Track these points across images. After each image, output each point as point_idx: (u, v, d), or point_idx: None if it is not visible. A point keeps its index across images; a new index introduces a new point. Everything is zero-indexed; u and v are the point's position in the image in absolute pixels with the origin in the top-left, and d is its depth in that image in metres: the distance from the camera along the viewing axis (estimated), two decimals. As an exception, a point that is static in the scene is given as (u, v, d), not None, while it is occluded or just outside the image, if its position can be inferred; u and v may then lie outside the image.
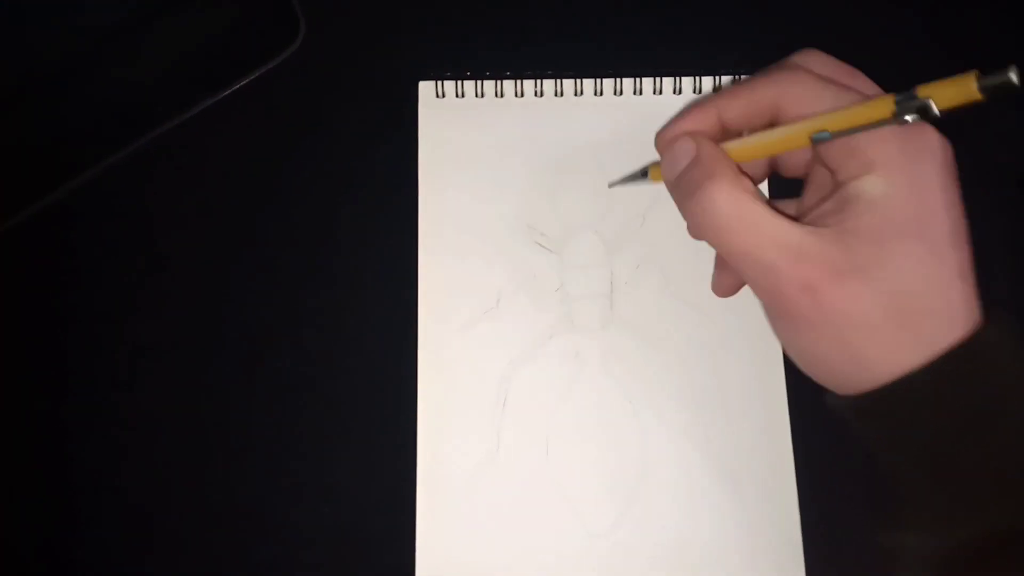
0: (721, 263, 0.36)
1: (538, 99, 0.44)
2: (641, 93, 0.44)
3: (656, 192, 0.42)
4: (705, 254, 0.41)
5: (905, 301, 0.28)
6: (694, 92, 0.43)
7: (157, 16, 0.43)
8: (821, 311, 0.28)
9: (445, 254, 0.42)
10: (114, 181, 0.43)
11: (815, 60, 0.31)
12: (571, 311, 0.41)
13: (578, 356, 0.41)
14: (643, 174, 0.37)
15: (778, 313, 0.30)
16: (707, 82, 0.43)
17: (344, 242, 0.43)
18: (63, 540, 0.40)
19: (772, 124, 0.31)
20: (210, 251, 0.43)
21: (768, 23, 0.44)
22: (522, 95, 0.44)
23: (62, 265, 0.43)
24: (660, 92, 0.44)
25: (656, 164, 0.34)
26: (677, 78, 0.44)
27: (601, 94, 0.44)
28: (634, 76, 0.44)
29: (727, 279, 0.35)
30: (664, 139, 0.33)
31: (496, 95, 0.44)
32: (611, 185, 0.41)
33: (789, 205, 0.34)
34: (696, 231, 0.31)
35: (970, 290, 0.28)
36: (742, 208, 0.29)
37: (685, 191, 0.31)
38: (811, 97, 0.30)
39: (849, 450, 0.38)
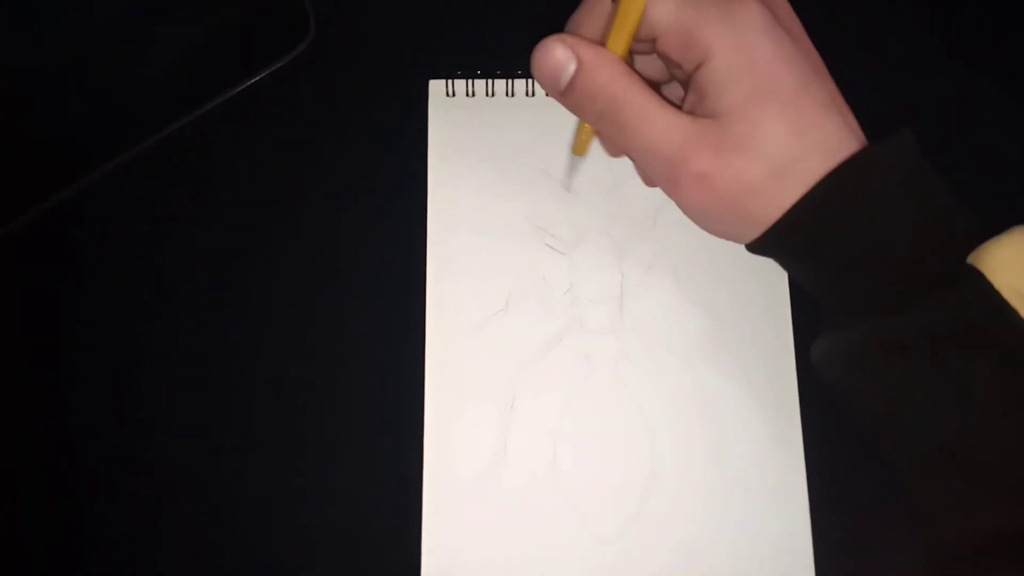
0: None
1: (549, 99, 0.43)
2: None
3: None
4: (718, 257, 0.41)
5: (777, 156, 0.31)
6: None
7: (164, 14, 0.43)
8: (714, 190, 0.32)
9: (454, 255, 0.42)
10: (121, 181, 0.43)
11: None
12: (581, 314, 0.41)
13: (588, 359, 0.40)
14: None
15: (678, 194, 0.33)
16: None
17: (352, 243, 0.43)
18: (67, 541, 0.40)
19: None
20: (217, 252, 0.43)
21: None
22: (533, 95, 0.43)
23: (66, 266, 0.43)
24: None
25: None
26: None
27: (613, 94, 0.43)
28: (647, 76, 0.43)
29: (610, 146, 0.38)
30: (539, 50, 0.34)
31: (507, 94, 0.43)
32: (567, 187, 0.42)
33: (652, 61, 0.36)
34: (602, 129, 0.34)
35: (838, 119, 0.32)
36: (644, 105, 0.32)
37: (581, 99, 0.33)
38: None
39: (862, 458, 0.38)
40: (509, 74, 0.43)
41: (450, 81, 0.43)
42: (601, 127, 0.34)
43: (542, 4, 0.45)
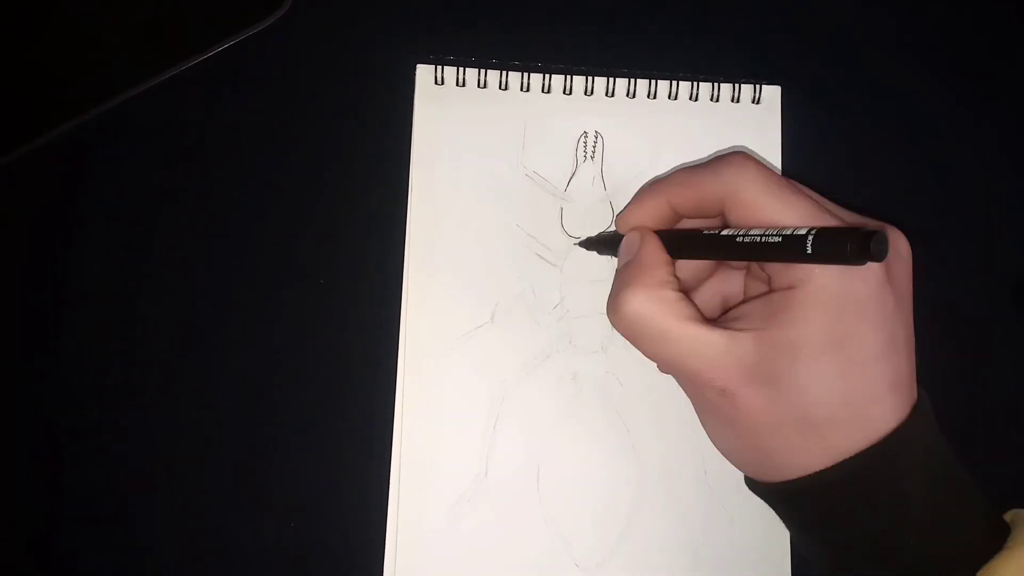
0: None
1: (545, 95, 0.40)
2: (655, 97, 0.41)
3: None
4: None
5: (813, 411, 0.29)
6: (711, 100, 0.41)
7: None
8: (736, 411, 0.30)
9: (436, 260, 0.39)
10: (67, 150, 0.38)
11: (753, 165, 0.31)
12: (570, 330, 0.39)
13: (575, 378, 0.39)
14: (609, 243, 0.36)
15: (699, 408, 0.33)
16: (725, 90, 0.41)
17: (323, 239, 0.39)
18: (26, 545, 0.36)
19: (719, 214, 0.31)
20: (171, 239, 0.39)
21: (803, 32, 0.42)
22: (528, 89, 0.40)
23: (12, 239, 0.38)
24: (675, 97, 0.41)
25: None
26: (694, 83, 0.41)
27: (612, 95, 0.40)
28: (648, 78, 0.41)
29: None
30: (617, 226, 0.34)
31: (500, 87, 0.40)
32: (578, 244, 0.39)
33: (735, 280, 0.35)
34: (621, 330, 0.32)
35: (899, 398, 0.29)
36: (651, 321, 0.31)
37: (611, 291, 0.32)
38: (754, 202, 0.30)
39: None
40: (504, 65, 0.40)
41: (440, 68, 0.40)
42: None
43: (542, -10, 0.42)
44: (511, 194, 0.40)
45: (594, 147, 0.40)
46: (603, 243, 0.37)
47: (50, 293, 0.38)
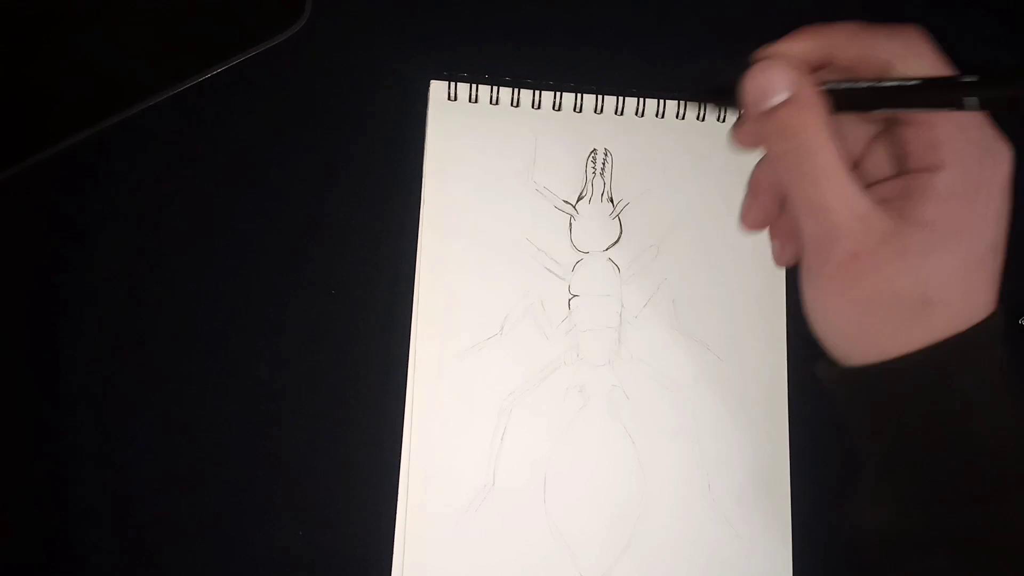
0: (756, 194, 0.35)
1: (556, 112, 0.41)
2: (663, 116, 0.42)
3: (672, 223, 0.41)
4: (718, 292, 0.41)
5: (933, 290, 0.30)
6: (718, 120, 0.42)
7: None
8: (860, 278, 0.30)
9: (447, 272, 0.39)
10: (82, 159, 0.39)
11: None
12: (578, 343, 0.39)
13: (582, 391, 0.39)
14: (727, 97, 0.34)
15: (817, 271, 0.31)
16: (731, 111, 0.42)
17: (335, 250, 0.40)
18: (34, 552, 0.36)
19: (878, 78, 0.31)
20: (185, 246, 0.39)
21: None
22: (539, 107, 0.41)
23: (23, 246, 0.38)
24: (683, 117, 0.42)
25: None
26: (702, 104, 0.42)
27: (622, 113, 0.41)
28: (657, 98, 0.42)
29: (759, 214, 0.35)
30: (763, 56, 0.32)
31: (512, 104, 0.41)
32: (698, 98, 0.40)
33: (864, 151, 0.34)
34: (780, 168, 0.32)
35: (993, 292, 0.31)
36: (835, 164, 0.30)
37: (777, 129, 0.31)
38: (929, 68, 0.30)
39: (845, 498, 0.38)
40: (516, 82, 0.41)
41: (453, 84, 0.41)
42: (779, 165, 0.32)
43: (554, 13, 0.43)
44: (521, 208, 0.40)
45: (603, 164, 0.41)
46: (725, 93, 0.34)
47: (60, 300, 0.38)
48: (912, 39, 0.31)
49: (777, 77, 0.31)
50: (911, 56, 0.31)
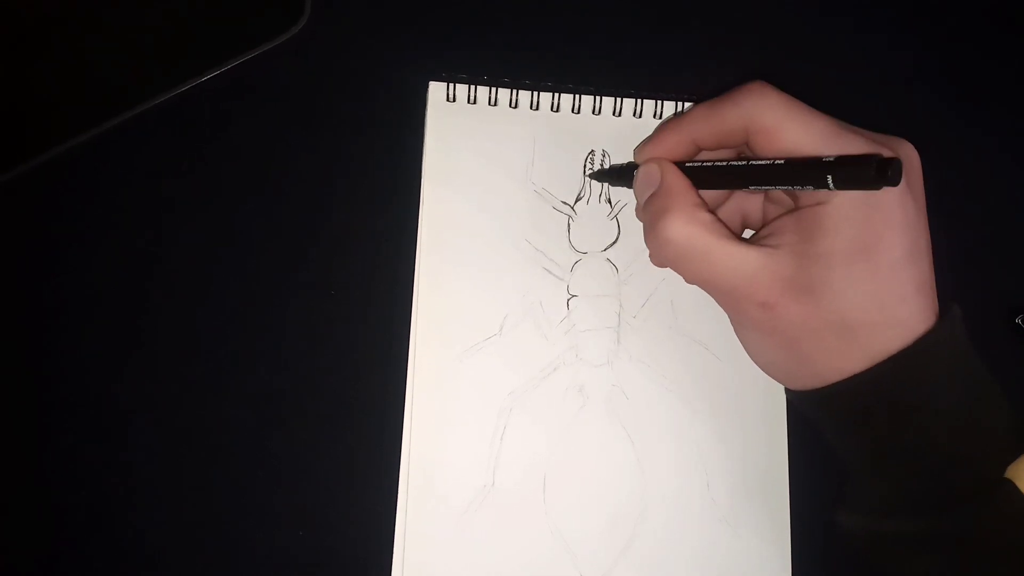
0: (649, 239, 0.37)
1: (554, 113, 0.41)
2: (661, 117, 0.42)
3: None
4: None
5: (849, 316, 0.31)
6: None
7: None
8: (776, 323, 0.32)
9: (446, 272, 0.39)
10: (81, 161, 0.39)
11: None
12: (577, 343, 0.40)
13: (582, 391, 0.39)
14: (623, 174, 0.38)
15: (739, 323, 0.35)
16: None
17: (334, 251, 0.40)
18: (35, 555, 0.36)
19: (744, 144, 0.33)
20: (185, 248, 0.39)
21: (804, 59, 0.43)
22: (537, 108, 0.41)
23: (23, 249, 0.38)
24: (680, 118, 0.42)
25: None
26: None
27: (619, 114, 0.41)
28: (654, 99, 0.42)
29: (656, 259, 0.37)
30: (637, 160, 0.36)
31: (510, 105, 0.41)
32: (590, 175, 0.41)
33: (754, 200, 0.36)
34: (655, 259, 0.35)
35: (924, 300, 0.31)
36: (695, 241, 0.32)
37: (647, 220, 0.34)
38: (775, 127, 0.32)
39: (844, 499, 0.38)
40: (515, 84, 0.41)
41: (451, 85, 0.41)
42: (667, 250, 0.34)
43: (553, 14, 0.43)
44: (520, 209, 0.40)
45: (601, 164, 0.41)
46: (616, 174, 0.39)
47: (61, 302, 0.38)
48: (755, 97, 0.32)
49: (644, 174, 0.35)
50: (763, 111, 0.32)
